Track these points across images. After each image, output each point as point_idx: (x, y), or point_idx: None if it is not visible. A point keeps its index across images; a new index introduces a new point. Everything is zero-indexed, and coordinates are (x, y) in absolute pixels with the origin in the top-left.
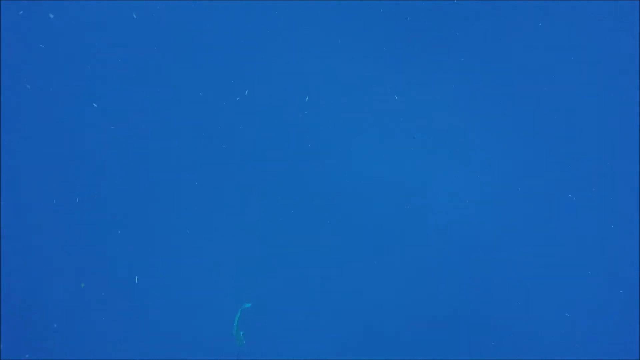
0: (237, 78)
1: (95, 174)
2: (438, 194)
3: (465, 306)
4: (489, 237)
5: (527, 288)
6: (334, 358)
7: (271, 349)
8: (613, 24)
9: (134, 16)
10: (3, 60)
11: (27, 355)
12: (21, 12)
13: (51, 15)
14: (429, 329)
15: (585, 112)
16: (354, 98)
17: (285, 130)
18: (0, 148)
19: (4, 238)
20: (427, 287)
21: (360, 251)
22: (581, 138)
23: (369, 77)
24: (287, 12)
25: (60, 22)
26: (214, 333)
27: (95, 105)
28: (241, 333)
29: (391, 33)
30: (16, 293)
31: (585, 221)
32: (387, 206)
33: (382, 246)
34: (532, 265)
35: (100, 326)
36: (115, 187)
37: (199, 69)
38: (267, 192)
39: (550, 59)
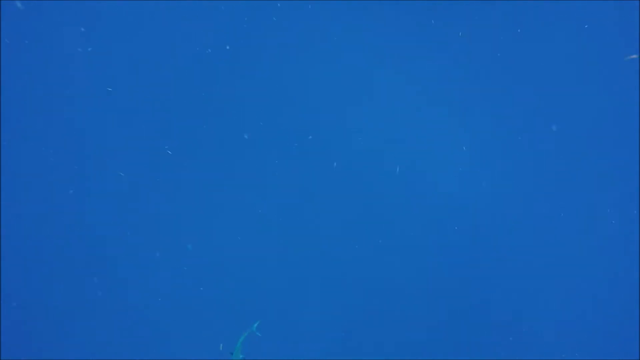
0: (235, 74)
1: (96, 174)
2: (440, 191)
3: (465, 306)
4: (487, 237)
5: (527, 288)
6: (337, 357)
7: (273, 347)
8: (613, 24)
9: (134, 17)
10: (3, 60)
11: (27, 355)
12: (21, 12)
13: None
14: (431, 326)
15: (585, 112)
16: (357, 83)
17: (286, 113)
18: (0, 148)
19: (4, 238)
20: (426, 289)
21: (364, 244)
22: (581, 137)
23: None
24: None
25: (60, 22)
26: (213, 332)
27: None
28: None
29: (400, 19)
30: (16, 293)
31: (584, 221)
32: (394, 202)
33: (387, 241)
34: (533, 266)
35: (100, 326)
36: (116, 186)
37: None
38: (269, 181)
39: (551, 58)
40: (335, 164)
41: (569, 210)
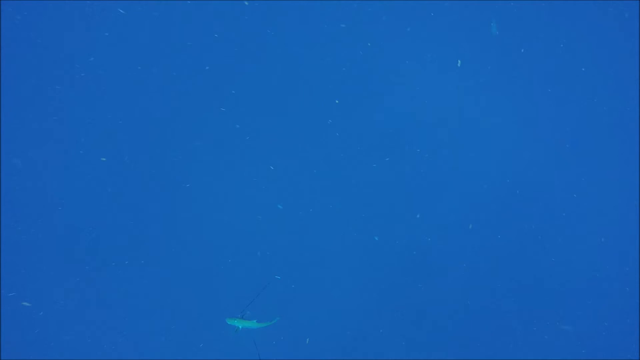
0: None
1: (95, 174)
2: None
3: (464, 305)
4: (487, 237)
5: (527, 288)
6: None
7: (274, 346)
8: (613, 24)
9: (134, 17)
10: (3, 60)
11: (27, 355)
12: (21, 14)
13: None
14: (433, 326)
15: (585, 114)
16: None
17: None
18: (0, 148)
19: (4, 238)
20: (427, 288)
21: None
22: (581, 138)
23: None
24: None
25: (60, 22)
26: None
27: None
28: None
29: None
30: (16, 293)
31: (585, 221)
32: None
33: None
34: (533, 266)
35: (100, 326)
36: (117, 187)
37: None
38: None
39: (551, 58)
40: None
41: (570, 211)
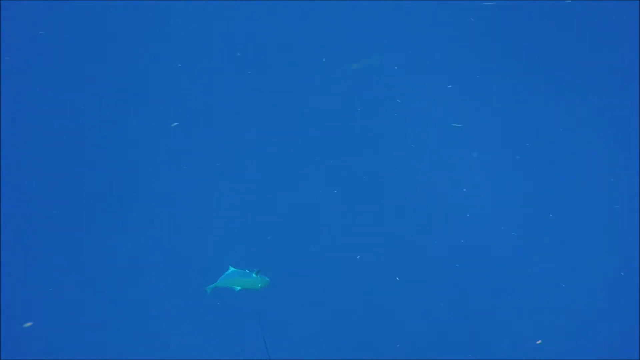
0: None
1: (95, 174)
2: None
3: (464, 305)
4: (486, 238)
5: (527, 288)
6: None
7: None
8: (613, 23)
9: (134, 18)
10: (3, 61)
11: (27, 355)
12: (21, 12)
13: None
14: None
15: (585, 114)
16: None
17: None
18: (1, 148)
19: (4, 238)
20: (426, 290)
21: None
22: (581, 139)
23: None
24: None
25: (61, 22)
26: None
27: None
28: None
29: None
30: (16, 293)
31: (584, 220)
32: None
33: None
34: (533, 267)
35: (100, 327)
36: (117, 187)
37: None
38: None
39: (551, 58)
40: (335, 163)
41: (568, 210)
